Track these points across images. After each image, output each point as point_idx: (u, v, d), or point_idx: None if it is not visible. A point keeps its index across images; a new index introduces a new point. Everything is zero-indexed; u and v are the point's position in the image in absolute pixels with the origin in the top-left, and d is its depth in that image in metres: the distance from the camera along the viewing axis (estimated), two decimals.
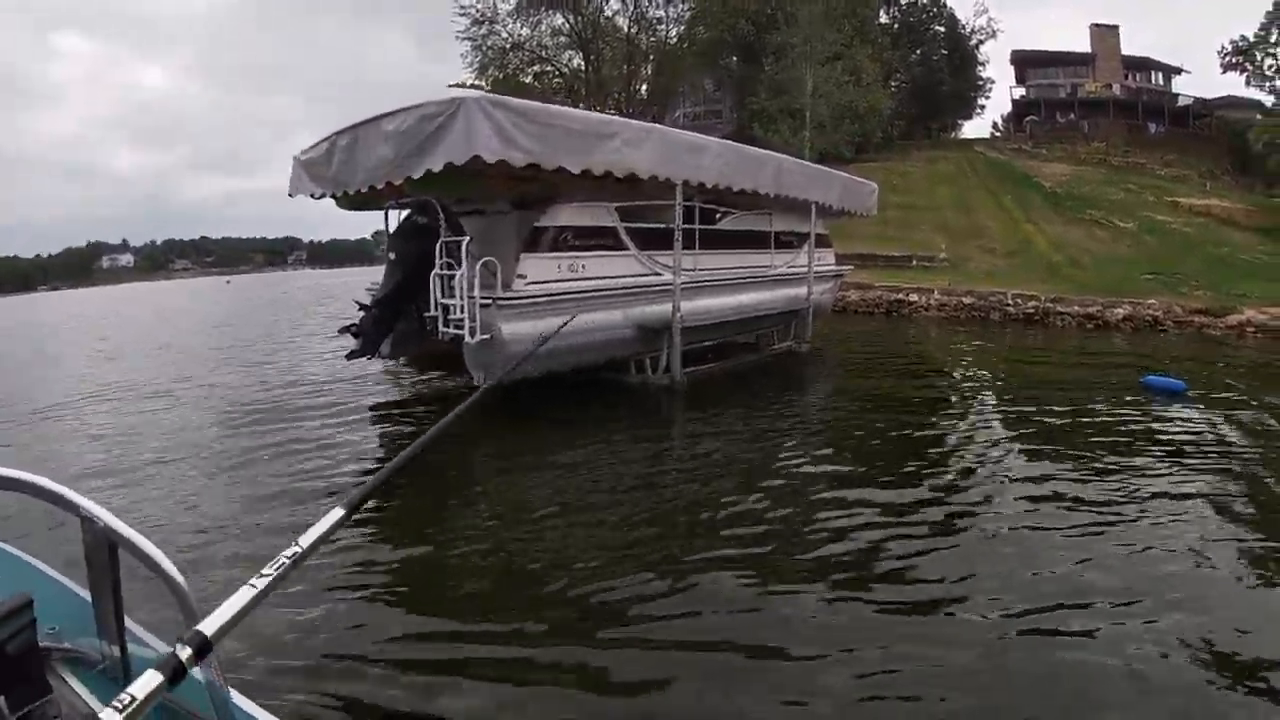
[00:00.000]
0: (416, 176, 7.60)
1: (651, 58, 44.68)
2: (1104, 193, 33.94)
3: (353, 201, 9.89)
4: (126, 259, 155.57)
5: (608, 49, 43.09)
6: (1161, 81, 50.55)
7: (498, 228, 8.81)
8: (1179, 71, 51.11)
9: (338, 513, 1.38)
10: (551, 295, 8.54)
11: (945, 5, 49.36)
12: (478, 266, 7.92)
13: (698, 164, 9.70)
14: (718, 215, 11.06)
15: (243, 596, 1.17)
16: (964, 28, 50.14)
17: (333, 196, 9.64)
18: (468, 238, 8.03)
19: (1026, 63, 51.27)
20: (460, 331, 8.00)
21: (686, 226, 9.86)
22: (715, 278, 10.87)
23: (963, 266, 25.29)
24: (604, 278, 9.16)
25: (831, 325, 17.49)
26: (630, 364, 10.07)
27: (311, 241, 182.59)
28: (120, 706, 1.00)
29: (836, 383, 12.10)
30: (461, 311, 7.91)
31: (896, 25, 47.71)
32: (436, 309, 8.25)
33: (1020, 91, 51.73)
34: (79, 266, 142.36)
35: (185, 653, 1.08)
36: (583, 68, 43.10)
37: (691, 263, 10.00)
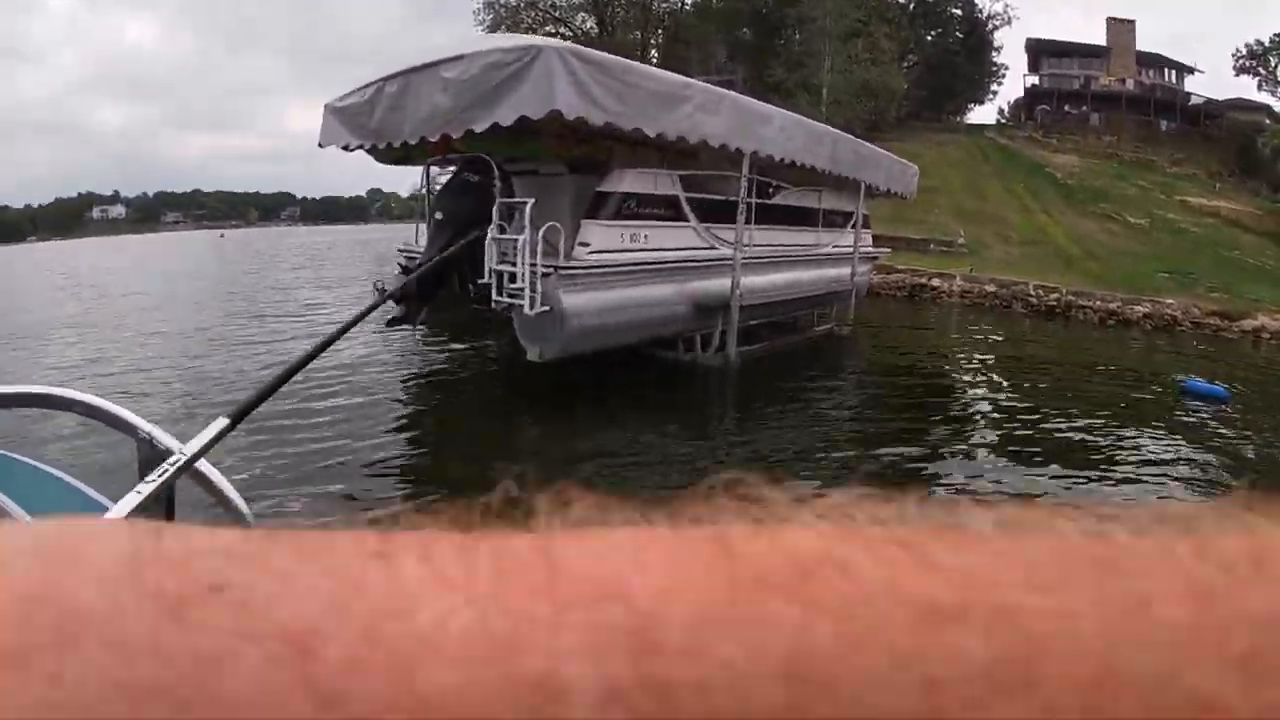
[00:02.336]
0: (479, 130, 7.02)
1: (666, 23, 43.73)
2: (1116, 187, 33.65)
3: (393, 155, 9.28)
4: (118, 210, 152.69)
5: (622, 12, 42.21)
6: (1174, 79, 50.10)
7: (552, 190, 8.25)
8: (1191, 70, 50.72)
9: (222, 422, 1.34)
10: (614, 266, 8.00)
11: None
12: (540, 232, 7.29)
13: (764, 135, 9.17)
14: (770, 189, 10.52)
15: (128, 503, 1.13)
16: (980, 12, 49.44)
17: (370, 149, 9.03)
18: (531, 200, 7.37)
19: (1041, 51, 50.61)
20: (516, 301, 7.40)
21: (748, 200, 9.36)
22: (768, 254, 10.35)
23: (980, 253, 24.92)
24: (664, 249, 8.61)
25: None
26: (679, 341, 9.56)
27: (305, 198, 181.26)
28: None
29: (884, 371, 11.69)
30: (521, 280, 7.28)
31: (913, 4, 46.95)
32: (490, 275, 7.62)
33: (1033, 80, 51.11)
34: (69, 218, 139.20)
35: None
36: (596, 31, 42.08)
37: (747, 238, 9.48)
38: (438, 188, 9.87)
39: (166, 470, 1.21)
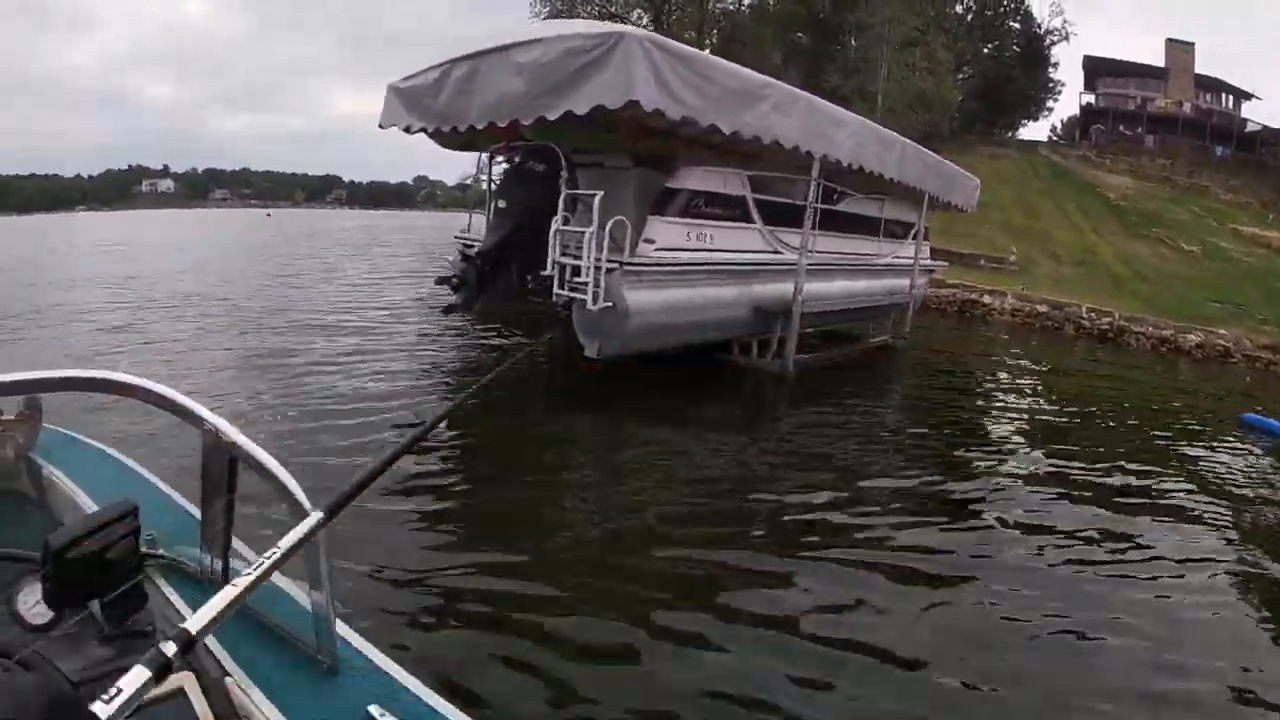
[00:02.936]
0: (553, 118, 6.82)
1: (722, 24, 43.42)
2: (1168, 211, 33.05)
3: (457, 140, 9.11)
4: (167, 184, 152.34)
5: (678, 11, 41.93)
6: (1231, 105, 49.08)
7: (617, 184, 7.98)
8: (1249, 97, 49.52)
9: (317, 515, 1.26)
10: (679, 265, 7.81)
11: (1024, 1, 47.89)
12: (608, 226, 7.10)
13: (835, 139, 8.93)
14: (834, 195, 10.25)
15: (225, 596, 1.11)
16: (1039, 26, 48.68)
17: (433, 132, 8.86)
18: (600, 193, 7.16)
19: (1097, 70, 49.67)
20: (579, 295, 7.21)
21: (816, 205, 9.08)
22: (830, 262, 10.11)
23: (1030, 270, 24.50)
24: (729, 250, 8.40)
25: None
26: (734, 345, 9.34)
27: (352, 181, 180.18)
28: (108, 699, 0.97)
29: (942, 387, 11.34)
30: (586, 274, 7.06)
31: (971, 15, 46.30)
32: (552, 268, 7.45)
33: (1089, 98, 50.24)
34: (118, 189, 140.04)
35: (170, 649, 1.05)
36: (651, 28, 41.80)
37: (810, 244, 9.17)
38: (496, 175, 9.73)
39: (264, 564, 1.17)
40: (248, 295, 13.78)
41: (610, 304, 7.12)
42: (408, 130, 9.03)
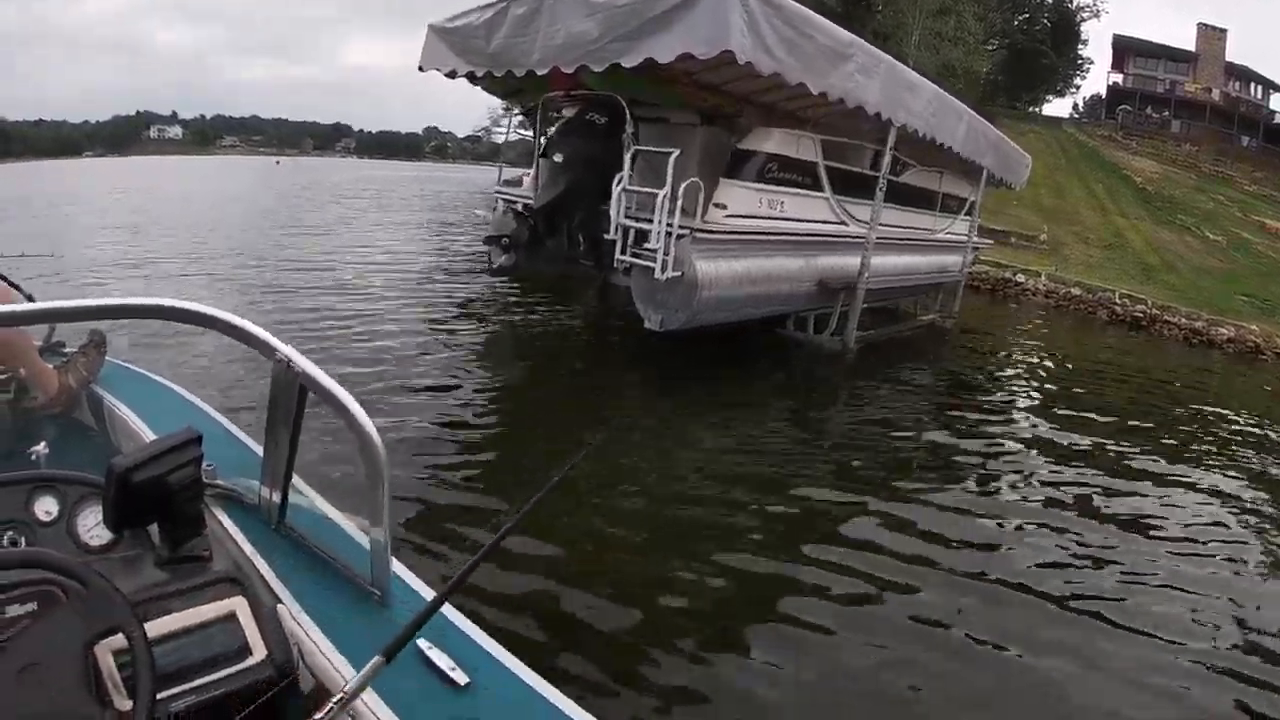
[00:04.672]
0: (629, 65, 6.12)
1: None
2: (1193, 199, 32.53)
3: (505, 86, 8.42)
4: (175, 131, 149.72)
5: None
6: (1260, 95, 48.31)
7: (681, 143, 7.11)
8: (1278, 88, 48.85)
9: (379, 660, 1.18)
10: (751, 233, 7.25)
11: None
12: (682, 187, 6.42)
13: (912, 107, 8.28)
14: (899, 166, 9.64)
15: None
16: (1070, 2, 47.67)
17: (480, 77, 8.10)
18: (676, 151, 6.49)
19: (1127, 50, 48.79)
20: (645, 263, 6.59)
21: (872, 175, 8.58)
22: (892, 236, 9.50)
23: (1059, 251, 23.95)
24: (799, 220, 7.85)
25: None
26: (789, 320, 8.79)
27: (362, 131, 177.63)
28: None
29: (996, 366, 10.96)
30: (656, 240, 6.42)
31: None
32: (615, 231, 6.81)
33: (1116, 78, 49.37)
34: (126, 136, 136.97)
35: None
36: None
37: (870, 216, 8.60)
38: (514, 132, 9.11)
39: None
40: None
41: (679, 274, 6.54)
42: (451, 75, 8.28)
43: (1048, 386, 10.00)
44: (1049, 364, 11.76)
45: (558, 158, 7.75)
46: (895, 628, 3.55)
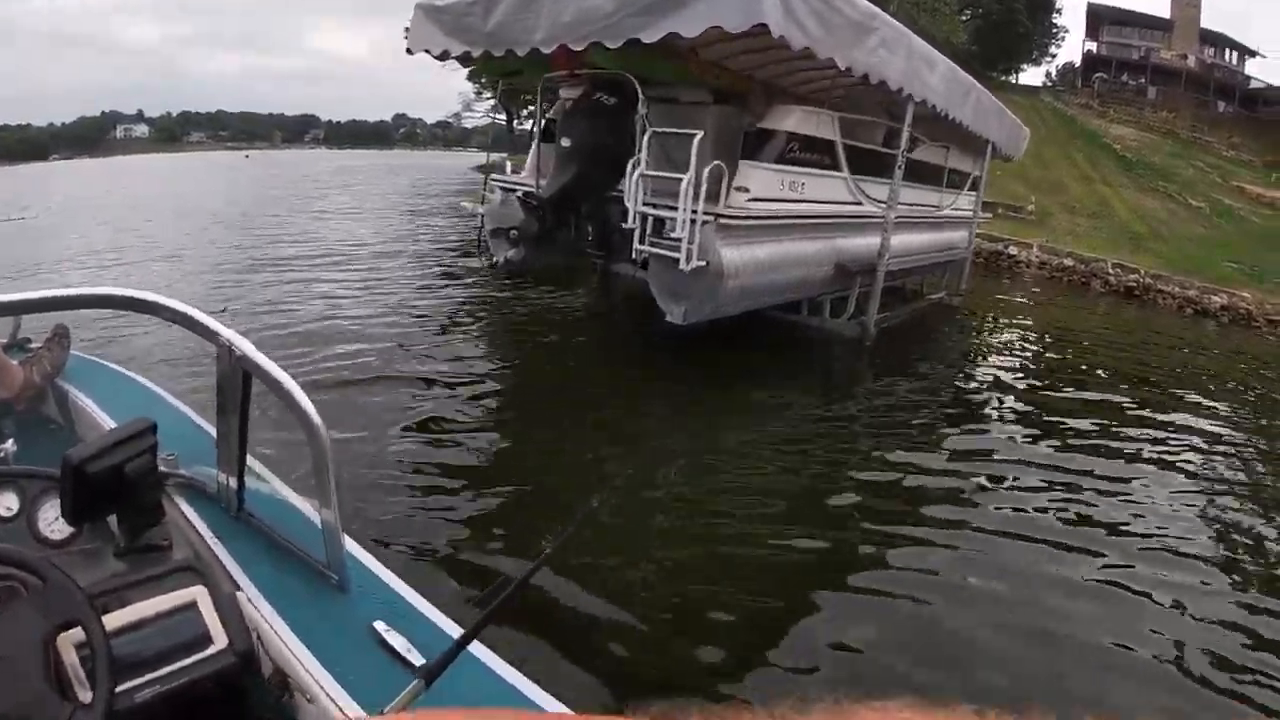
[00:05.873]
0: (650, 40, 5.70)
1: None
2: (1173, 165, 32.52)
3: (502, 67, 7.91)
4: (141, 130, 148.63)
5: None
6: (1235, 61, 48.42)
7: (693, 123, 6.69)
8: (1253, 54, 48.95)
9: (419, 684, 1.16)
10: (773, 217, 6.90)
11: None
12: (705, 171, 6.06)
13: (929, 83, 7.95)
14: (911, 143, 9.27)
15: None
16: None
17: (478, 56, 7.48)
18: (700, 133, 6.13)
19: (1101, 17, 48.67)
20: (666, 253, 6.21)
21: (886, 152, 8.32)
22: (906, 215, 9.20)
23: (1046, 221, 23.85)
24: (818, 201, 7.52)
25: None
26: (803, 305, 8.42)
27: (330, 121, 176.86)
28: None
29: (1010, 349, 10.81)
30: (680, 228, 6.03)
31: None
32: (634, 219, 6.41)
33: (1091, 46, 49.29)
34: (92, 136, 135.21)
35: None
36: None
37: (888, 194, 8.30)
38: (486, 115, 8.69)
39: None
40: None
41: (703, 263, 6.16)
42: (442, 57, 7.71)
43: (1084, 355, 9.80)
44: (1045, 333, 11.60)
45: (565, 142, 7.33)
46: None
